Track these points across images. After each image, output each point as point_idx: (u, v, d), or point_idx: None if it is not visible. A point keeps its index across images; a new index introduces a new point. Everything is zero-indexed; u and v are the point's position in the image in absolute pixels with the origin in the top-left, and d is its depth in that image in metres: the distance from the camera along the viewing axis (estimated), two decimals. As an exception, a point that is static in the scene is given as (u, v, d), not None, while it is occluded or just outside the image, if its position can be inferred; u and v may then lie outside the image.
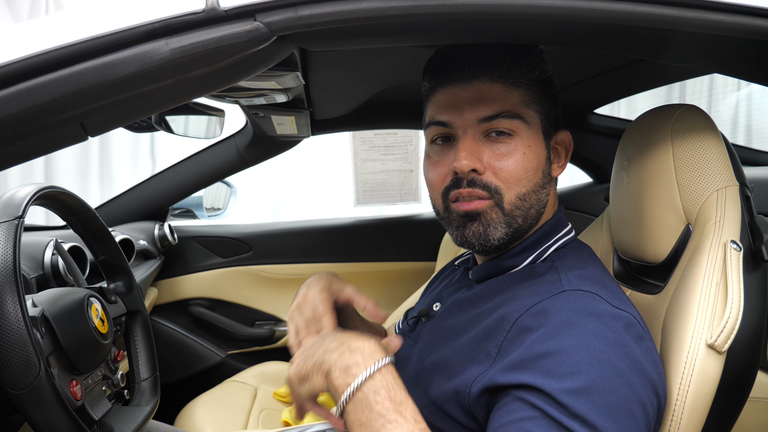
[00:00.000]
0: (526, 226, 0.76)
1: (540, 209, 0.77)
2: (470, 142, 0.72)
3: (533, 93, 0.75)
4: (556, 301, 0.67)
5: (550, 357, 0.61)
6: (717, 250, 0.69)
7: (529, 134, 0.74)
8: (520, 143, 0.73)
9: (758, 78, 0.77)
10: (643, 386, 0.61)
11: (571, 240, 0.80)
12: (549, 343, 0.62)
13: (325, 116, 1.62)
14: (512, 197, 0.73)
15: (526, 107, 0.74)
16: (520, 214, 0.74)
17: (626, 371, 0.60)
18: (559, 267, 0.73)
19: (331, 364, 0.64)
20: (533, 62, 0.76)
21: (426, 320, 0.85)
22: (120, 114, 0.60)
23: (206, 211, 2.03)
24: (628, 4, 0.59)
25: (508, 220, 0.73)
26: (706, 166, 0.74)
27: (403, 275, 2.09)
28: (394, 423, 0.60)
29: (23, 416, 0.74)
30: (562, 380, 0.59)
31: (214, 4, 0.56)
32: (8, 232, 0.75)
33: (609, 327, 0.63)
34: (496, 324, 0.69)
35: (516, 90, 0.74)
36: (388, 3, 0.57)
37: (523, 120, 0.73)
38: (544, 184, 0.76)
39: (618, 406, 0.59)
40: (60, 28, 0.55)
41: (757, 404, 1.20)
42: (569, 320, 0.64)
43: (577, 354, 0.61)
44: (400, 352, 0.86)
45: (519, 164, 0.72)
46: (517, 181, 0.72)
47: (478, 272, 0.81)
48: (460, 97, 0.74)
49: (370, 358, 0.63)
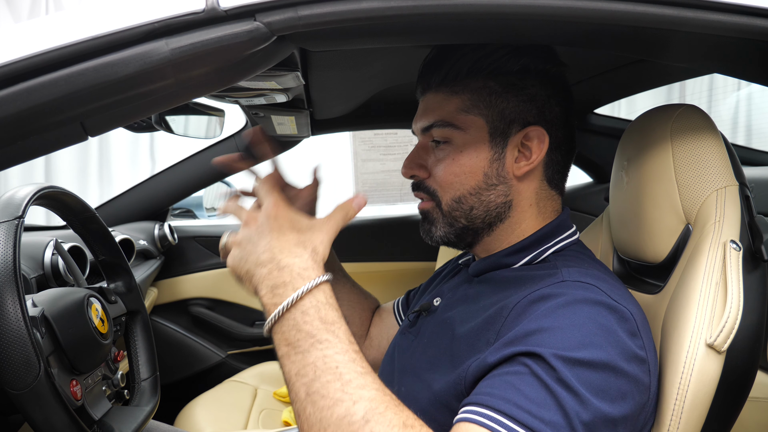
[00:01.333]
0: (476, 226, 0.78)
1: (490, 209, 0.76)
2: (417, 150, 0.80)
3: (479, 96, 0.75)
4: (555, 288, 0.67)
5: (544, 332, 0.61)
6: (716, 250, 0.69)
7: (465, 139, 0.75)
8: (452, 150, 0.76)
9: (758, 78, 0.77)
10: (632, 370, 0.61)
11: (573, 243, 0.79)
12: (543, 321, 0.63)
13: (325, 116, 1.62)
14: (448, 200, 0.77)
15: (464, 113, 0.75)
16: (461, 215, 0.77)
17: (615, 358, 0.60)
18: (559, 264, 0.73)
19: (258, 280, 0.63)
20: (485, 60, 0.74)
21: (427, 315, 0.85)
22: (120, 114, 0.60)
23: (206, 211, 2.03)
24: (628, 4, 0.59)
25: (448, 220, 0.78)
26: (706, 166, 0.74)
27: (403, 275, 2.09)
28: (325, 343, 0.58)
29: (23, 416, 0.74)
30: (554, 349, 0.59)
31: (214, 4, 0.56)
32: (8, 232, 0.75)
33: (603, 315, 0.63)
34: (495, 313, 0.69)
35: (455, 97, 0.76)
36: (388, 3, 0.57)
37: (456, 127, 0.75)
38: (488, 186, 0.75)
39: (604, 387, 0.59)
40: (60, 28, 0.55)
41: (757, 404, 1.20)
42: (566, 303, 0.64)
43: (570, 332, 0.61)
44: (401, 347, 0.87)
45: (448, 170, 0.76)
46: (450, 185, 0.76)
47: (476, 267, 0.81)
48: (420, 108, 0.81)
49: (300, 279, 0.61)
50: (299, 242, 0.65)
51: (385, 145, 2.30)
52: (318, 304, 0.60)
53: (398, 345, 0.88)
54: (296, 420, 0.59)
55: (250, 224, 0.68)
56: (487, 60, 0.75)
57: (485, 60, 0.75)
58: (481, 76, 0.75)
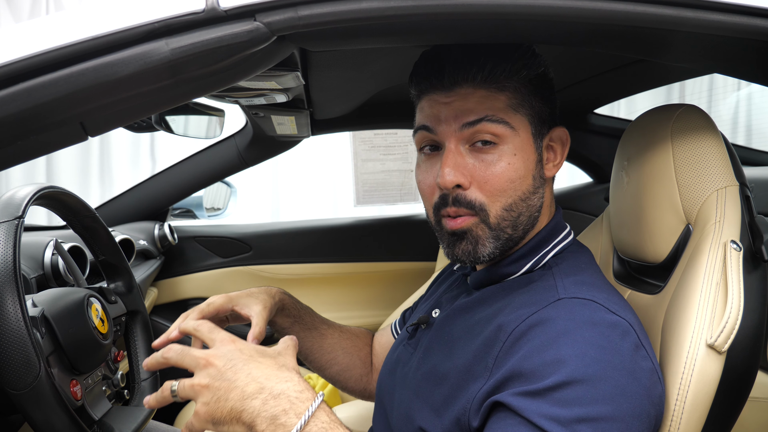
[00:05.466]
0: (517, 235, 0.74)
1: (532, 214, 0.74)
2: (453, 155, 0.70)
3: (521, 95, 0.72)
4: (552, 311, 0.66)
5: (546, 368, 0.60)
6: (717, 250, 0.69)
7: (516, 140, 0.71)
8: (506, 152, 0.70)
9: (758, 78, 0.77)
10: (639, 396, 0.61)
11: (570, 243, 0.79)
12: (545, 355, 0.61)
13: (325, 116, 1.62)
14: (498, 210, 0.71)
15: (513, 111, 0.71)
16: (508, 225, 0.72)
17: (622, 381, 0.60)
18: (555, 273, 0.72)
19: (253, 414, 0.57)
20: (520, 62, 0.72)
21: (425, 327, 0.84)
22: (120, 114, 0.60)
23: (206, 211, 2.03)
24: (628, 4, 0.59)
25: (495, 233, 0.72)
26: (706, 166, 0.74)
27: (403, 275, 2.09)
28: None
29: (23, 416, 0.74)
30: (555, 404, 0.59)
31: (214, 4, 0.56)
32: (8, 232, 0.75)
33: (605, 336, 0.62)
34: (493, 335, 0.68)
35: (501, 95, 0.71)
36: (388, 3, 0.57)
37: (509, 126, 0.70)
38: (535, 190, 0.73)
39: (615, 415, 0.58)
40: (60, 28, 0.55)
41: (757, 404, 1.20)
42: (565, 329, 0.63)
43: (573, 363, 0.60)
44: (400, 359, 0.85)
45: (504, 175, 0.70)
46: (503, 193, 0.70)
47: (475, 279, 0.80)
48: (443, 104, 0.72)
49: (299, 403, 0.58)
50: (280, 366, 0.62)
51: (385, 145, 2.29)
52: (325, 426, 0.57)
53: (397, 358, 0.87)
54: None
55: (211, 364, 0.62)
56: (522, 60, 0.72)
57: (521, 60, 0.72)
58: (518, 76, 0.72)
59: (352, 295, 2.09)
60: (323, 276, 2.06)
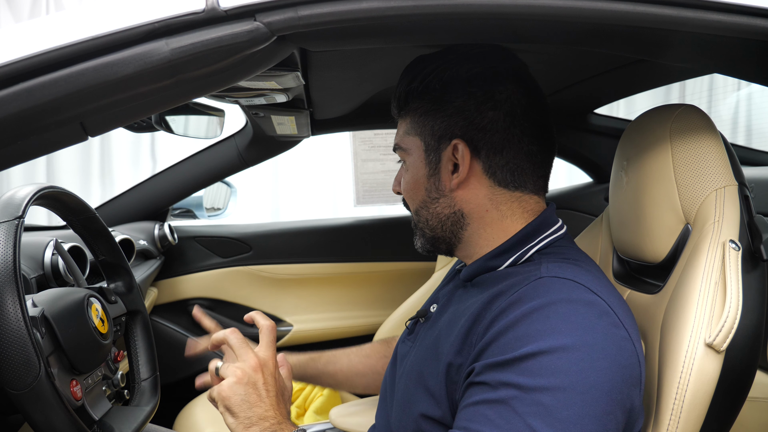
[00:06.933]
0: (439, 234, 0.82)
1: (442, 220, 0.80)
2: (400, 169, 0.86)
3: (415, 117, 0.80)
4: (530, 289, 0.67)
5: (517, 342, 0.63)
6: (716, 250, 0.69)
7: (410, 159, 0.82)
8: (405, 168, 0.84)
9: (758, 78, 0.77)
10: (611, 372, 0.61)
11: (559, 239, 0.78)
12: (517, 329, 0.64)
13: (325, 116, 1.62)
14: (413, 213, 0.85)
15: (407, 136, 0.82)
16: (424, 226, 0.83)
17: (593, 355, 0.61)
18: (543, 261, 0.73)
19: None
20: (413, 85, 0.79)
21: (424, 321, 0.87)
22: (120, 114, 0.60)
23: (206, 211, 2.03)
24: (628, 4, 0.59)
25: (419, 231, 0.85)
26: (705, 166, 0.74)
27: (403, 275, 2.09)
28: None
29: (23, 416, 0.74)
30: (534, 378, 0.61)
31: (214, 4, 0.56)
32: (8, 232, 0.75)
33: (580, 314, 0.64)
34: (478, 315, 0.70)
35: (403, 122, 0.83)
36: (388, 3, 0.58)
37: (402, 149, 0.83)
38: (432, 200, 0.80)
39: (579, 388, 0.60)
40: (60, 28, 0.55)
41: (757, 404, 1.20)
42: (540, 305, 0.64)
43: (544, 337, 0.62)
44: (401, 355, 0.88)
45: (404, 186, 0.84)
46: (409, 200, 0.84)
47: (466, 272, 0.82)
48: None
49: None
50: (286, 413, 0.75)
51: (385, 145, 2.30)
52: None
53: (399, 353, 0.90)
54: None
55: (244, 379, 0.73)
56: (416, 81, 0.79)
57: (415, 81, 0.79)
58: (415, 97, 0.79)
59: (352, 295, 2.09)
60: (323, 276, 2.06)
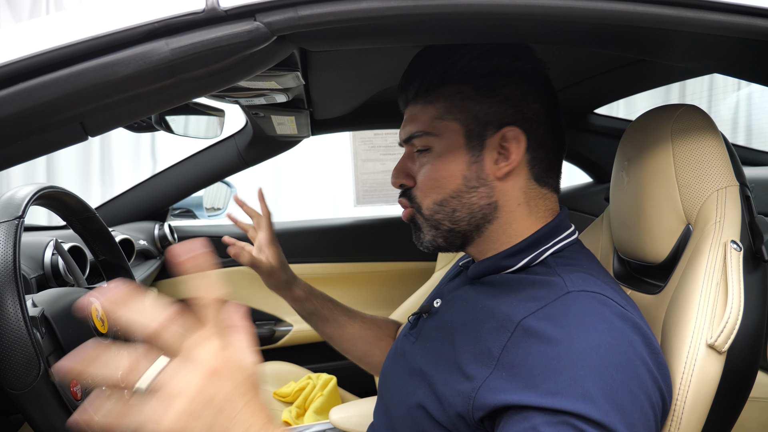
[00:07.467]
0: (462, 229, 0.78)
1: (477, 211, 0.77)
2: (403, 160, 0.82)
3: (452, 102, 0.76)
4: (561, 305, 0.66)
5: (560, 363, 0.60)
6: (717, 250, 0.69)
7: (442, 145, 0.77)
8: (432, 156, 0.78)
9: (758, 78, 0.77)
10: (653, 388, 0.61)
11: (572, 243, 0.78)
12: (559, 350, 0.61)
13: (325, 116, 1.62)
14: (429, 204, 0.79)
15: (440, 120, 0.77)
16: (444, 218, 0.78)
17: (638, 371, 0.61)
18: (560, 270, 0.72)
19: None
20: (452, 68, 0.76)
21: (427, 317, 0.85)
22: (120, 114, 0.60)
23: (206, 211, 2.03)
24: (628, 4, 0.59)
25: (431, 224, 0.80)
26: (706, 166, 0.74)
27: (403, 275, 2.09)
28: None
29: (23, 416, 0.74)
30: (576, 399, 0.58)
31: (214, 4, 0.56)
32: (8, 232, 0.75)
33: (617, 328, 0.63)
34: (499, 324, 0.68)
35: (431, 106, 0.78)
36: (388, 3, 0.57)
37: (432, 134, 0.78)
38: (469, 189, 0.76)
39: (631, 406, 0.59)
40: (60, 28, 0.55)
41: (757, 404, 1.20)
42: (577, 322, 0.63)
43: (588, 357, 0.60)
44: (402, 350, 0.87)
45: (429, 175, 0.78)
46: (430, 190, 0.78)
47: (475, 269, 0.81)
48: (403, 120, 0.83)
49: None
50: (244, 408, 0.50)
51: (385, 145, 2.30)
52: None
53: (400, 348, 0.88)
54: None
55: None
56: (456, 66, 0.76)
57: (455, 66, 0.76)
58: (454, 82, 0.76)
59: (352, 295, 2.09)
60: (323, 276, 2.06)
